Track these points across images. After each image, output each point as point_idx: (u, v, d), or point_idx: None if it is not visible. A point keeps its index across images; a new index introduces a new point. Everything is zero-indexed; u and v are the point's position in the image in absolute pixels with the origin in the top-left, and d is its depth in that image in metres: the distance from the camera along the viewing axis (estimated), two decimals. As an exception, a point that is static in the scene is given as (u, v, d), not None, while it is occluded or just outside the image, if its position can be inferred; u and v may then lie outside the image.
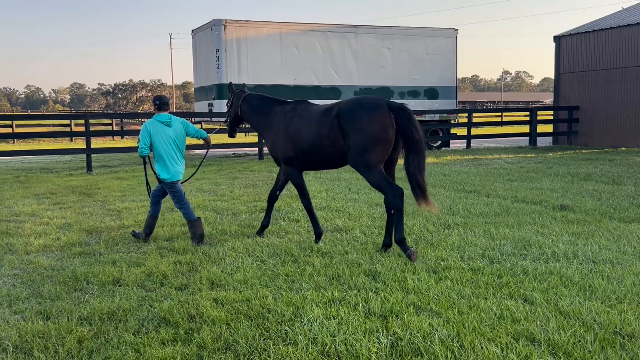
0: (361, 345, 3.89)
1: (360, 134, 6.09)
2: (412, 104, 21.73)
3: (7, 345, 4.00)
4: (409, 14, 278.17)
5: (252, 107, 7.40)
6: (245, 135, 33.05)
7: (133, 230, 7.25)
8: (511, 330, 4.11)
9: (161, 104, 7.13)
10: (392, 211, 6.28)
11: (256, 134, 22.12)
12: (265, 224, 7.25)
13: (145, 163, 7.49)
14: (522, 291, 4.94)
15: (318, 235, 6.84)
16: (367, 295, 4.85)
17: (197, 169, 8.65)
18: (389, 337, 4.01)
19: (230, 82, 8.07)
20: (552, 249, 6.27)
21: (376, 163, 6.19)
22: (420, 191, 6.27)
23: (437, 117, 22.24)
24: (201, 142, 7.75)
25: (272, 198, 7.25)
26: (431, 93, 22.28)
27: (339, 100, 7.29)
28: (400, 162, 6.55)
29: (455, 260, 5.89)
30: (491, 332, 4.09)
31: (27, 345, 4.00)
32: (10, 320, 4.47)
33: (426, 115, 21.79)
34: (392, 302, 4.65)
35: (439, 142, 22.54)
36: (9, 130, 30.90)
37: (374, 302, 4.67)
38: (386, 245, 6.41)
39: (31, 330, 4.23)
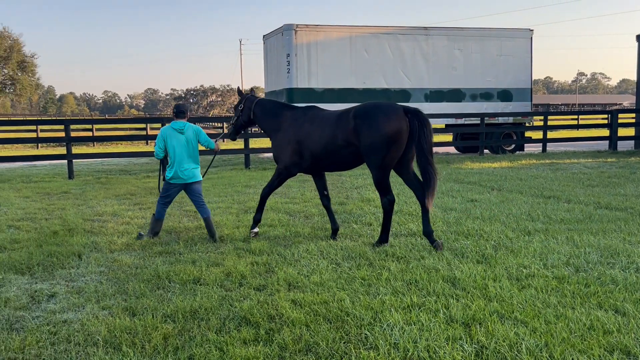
0: (445, 352, 3.79)
1: (377, 134, 6.46)
2: (485, 107, 21.26)
3: (98, 339, 4.16)
4: (481, 14, 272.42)
5: (264, 111, 7.68)
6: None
7: (139, 233, 7.57)
8: (603, 342, 3.90)
9: (177, 112, 7.68)
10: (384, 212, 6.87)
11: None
12: (335, 228, 7.31)
13: (161, 165, 7.98)
14: (612, 301, 4.69)
15: (255, 222, 7.45)
16: (447, 301, 4.74)
17: (205, 172, 8.27)
18: (473, 345, 3.90)
19: (238, 87, 8.33)
20: (642, 258, 5.93)
21: (387, 163, 6.62)
22: (429, 190, 6.59)
23: (510, 119, 21.61)
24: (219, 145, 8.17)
25: (325, 203, 7.48)
26: (505, 95, 21.67)
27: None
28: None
29: (538, 267, 5.67)
30: (582, 343, 3.90)
31: (116, 340, 4.15)
32: (99, 316, 4.65)
33: (499, 118, 21.23)
34: (474, 309, 4.52)
35: (513, 146, 21.89)
36: (89, 134, 32.45)
37: (455, 309, 4.55)
38: (382, 241, 6.85)
39: (119, 325, 4.38)
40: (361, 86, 20.06)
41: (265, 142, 32.55)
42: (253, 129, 40.39)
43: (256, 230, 7.47)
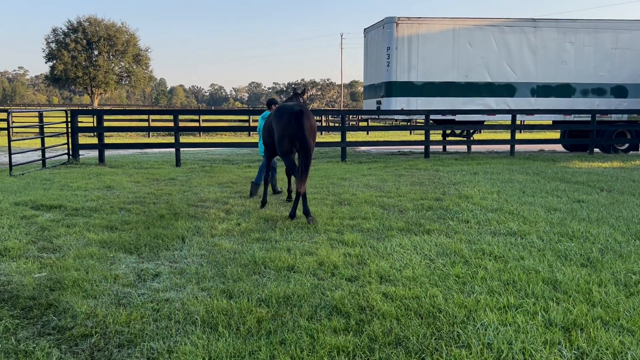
0: (541, 356, 3.64)
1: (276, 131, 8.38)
2: (597, 103, 20.06)
3: (196, 318, 4.37)
4: (595, 6, 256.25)
5: None
6: (410, 133, 32.94)
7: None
8: None
9: (267, 104, 10.55)
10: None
11: (421, 132, 21.95)
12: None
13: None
14: None
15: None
16: (546, 304, 4.53)
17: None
18: (573, 351, 3.71)
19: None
20: None
21: (285, 152, 8.35)
22: (301, 174, 7.99)
23: (625, 117, 20.22)
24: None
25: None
26: (619, 91, 20.28)
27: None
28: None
29: (649, 275, 5.28)
30: (697, 359, 3.59)
31: (213, 321, 4.33)
32: (199, 297, 4.87)
33: (612, 116, 19.92)
34: (576, 314, 4.29)
35: (626, 145, 20.47)
36: (196, 124, 33.99)
37: (555, 312, 4.34)
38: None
39: (216, 307, 4.57)
40: (463, 80, 19.55)
41: (362, 136, 32.59)
42: (350, 122, 40.60)
43: None
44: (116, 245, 6.54)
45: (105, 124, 26.05)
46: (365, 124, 37.49)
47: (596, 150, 20.20)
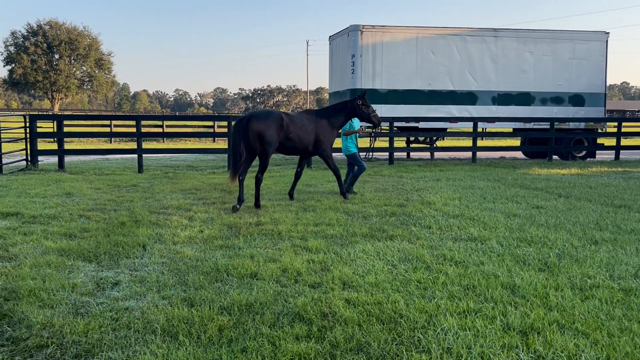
0: (499, 360, 3.70)
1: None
2: (555, 111, 20.58)
3: (156, 327, 4.31)
4: (553, 17, 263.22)
5: None
6: (376, 139, 33.16)
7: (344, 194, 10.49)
8: (671, 361, 3.70)
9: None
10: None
11: (385, 138, 22.13)
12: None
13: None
14: (683, 318, 4.44)
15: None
16: (505, 308, 4.62)
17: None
18: (530, 355, 3.79)
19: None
20: None
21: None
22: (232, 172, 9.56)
23: (582, 125, 20.80)
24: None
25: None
26: (577, 100, 20.87)
27: (473, 106, 8.34)
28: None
29: (603, 278, 5.44)
30: (647, 360, 3.71)
31: (173, 329, 4.28)
32: (159, 305, 4.80)
33: (570, 124, 20.47)
34: (533, 318, 4.39)
35: (584, 153, 21.05)
36: (159, 130, 33.57)
37: (513, 316, 4.43)
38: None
39: (177, 315, 4.52)
40: (426, 88, 19.83)
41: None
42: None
43: None
44: (75, 254, 6.40)
45: (66, 129, 25.53)
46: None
47: (555, 157, 20.71)
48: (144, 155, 16.83)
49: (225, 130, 17.46)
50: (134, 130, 16.25)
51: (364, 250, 6.60)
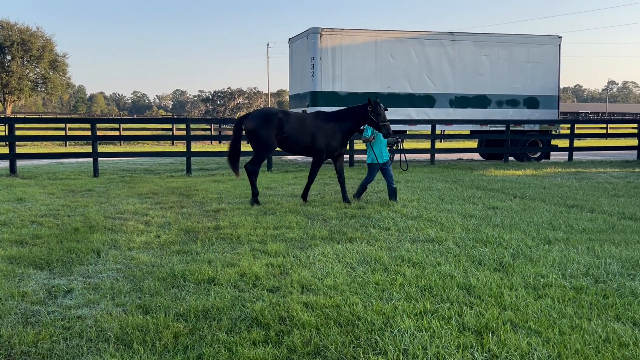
0: (454, 360, 3.75)
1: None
2: (511, 113, 21.02)
3: (110, 335, 4.21)
4: (508, 22, 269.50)
5: None
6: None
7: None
8: (618, 355, 3.82)
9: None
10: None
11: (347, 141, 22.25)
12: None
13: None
14: (630, 314, 4.59)
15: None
16: (460, 309, 4.69)
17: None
18: (484, 354, 3.85)
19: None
20: (665, 271, 5.78)
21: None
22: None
23: (536, 127, 21.33)
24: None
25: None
26: (531, 102, 21.39)
27: (431, 109, 8.71)
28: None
29: (555, 277, 5.57)
30: (596, 355, 3.82)
31: (127, 337, 4.19)
32: (113, 313, 4.70)
33: (525, 125, 20.97)
34: (488, 317, 4.46)
35: (538, 154, 21.57)
36: (116, 133, 32.92)
37: (468, 316, 4.50)
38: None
39: (131, 323, 4.42)
40: (385, 90, 20.00)
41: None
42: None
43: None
44: (26, 261, 6.21)
45: (18, 132, 24.79)
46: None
47: (511, 158, 21.18)
48: (99, 159, 16.47)
49: (184, 132, 17.21)
50: (89, 133, 15.89)
51: (324, 253, 6.60)
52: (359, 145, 23.84)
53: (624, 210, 9.34)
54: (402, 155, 11.78)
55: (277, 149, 10.83)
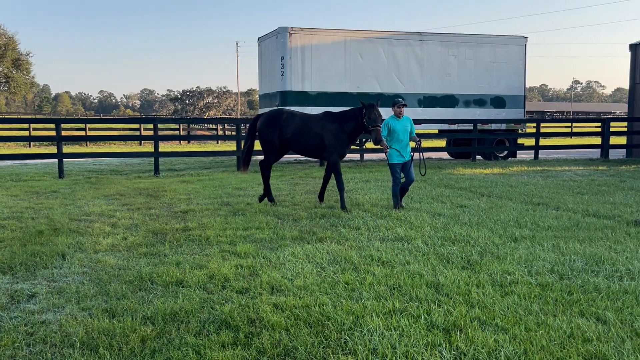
0: (423, 358, 3.78)
1: None
2: (478, 113, 21.30)
3: (75, 341, 4.12)
4: (475, 22, 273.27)
5: None
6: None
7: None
8: (582, 351, 3.89)
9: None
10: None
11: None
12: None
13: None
14: (594, 310, 4.69)
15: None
16: (429, 307, 4.73)
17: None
18: (452, 352, 3.89)
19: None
20: (626, 266, 5.94)
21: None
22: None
23: (503, 126, 21.67)
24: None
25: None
26: (498, 102, 21.72)
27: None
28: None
29: (522, 274, 5.67)
30: (561, 351, 3.89)
31: (93, 342, 4.11)
32: (78, 317, 4.60)
33: (492, 125, 21.28)
34: (456, 315, 4.51)
35: (505, 153, 21.92)
36: (82, 133, 32.32)
37: (437, 314, 4.54)
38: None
39: (97, 327, 4.34)
40: (355, 90, 20.07)
41: (258, 145, 32.43)
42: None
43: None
44: (-13, 266, 6.04)
45: (-20, 133, 24.12)
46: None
47: (478, 157, 21.46)
48: (65, 159, 16.15)
49: (152, 133, 16.98)
50: (54, 133, 15.57)
51: (294, 253, 6.59)
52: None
53: (588, 208, 9.55)
54: (421, 155, 10.44)
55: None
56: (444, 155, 24.07)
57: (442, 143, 28.13)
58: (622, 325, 4.36)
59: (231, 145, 29.90)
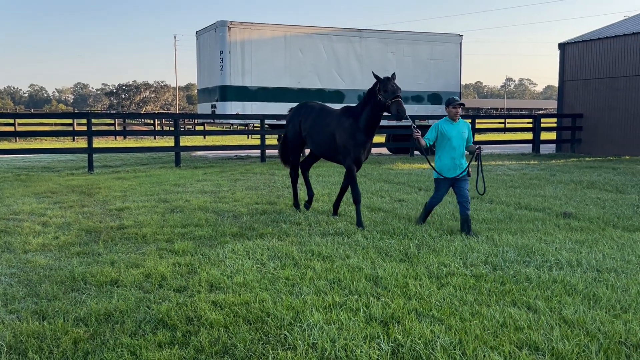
0: (361, 351, 3.82)
1: None
2: (416, 109, 21.71)
3: (1, 345, 3.94)
4: (413, 19, 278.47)
5: None
6: (248, 137, 33.07)
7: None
8: (514, 339, 4.04)
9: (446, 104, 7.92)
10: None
11: (258, 136, 22.06)
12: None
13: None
14: (525, 299, 4.87)
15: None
16: (368, 300, 4.78)
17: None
18: (390, 344, 3.94)
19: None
20: (555, 256, 6.20)
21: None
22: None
23: (440, 122, 22.17)
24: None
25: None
26: (435, 98, 22.22)
27: (344, 105, 8.46)
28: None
29: (457, 266, 5.82)
30: (494, 340, 4.02)
31: (21, 346, 3.94)
32: (6, 320, 4.40)
33: (429, 121, 21.73)
34: (394, 307, 4.58)
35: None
36: (11, 128, 30.89)
37: (375, 307, 4.60)
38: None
39: (26, 330, 4.16)
40: (296, 86, 20.06)
41: (199, 140, 31.98)
42: (186, 126, 39.61)
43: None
44: None
45: None
46: (202, 127, 36.90)
47: (416, 152, 21.88)
48: (-8, 156, 15.36)
49: (86, 128, 16.42)
50: (-21, 129, 14.82)
51: (234, 250, 6.52)
52: (271, 140, 23.79)
53: (520, 201, 9.91)
54: (479, 167, 7.68)
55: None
56: (384, 150, 24.43)
57: (381, 139, 28.53)
58: (552, 313, 4.54)
59: (169, 141, 29.33)
